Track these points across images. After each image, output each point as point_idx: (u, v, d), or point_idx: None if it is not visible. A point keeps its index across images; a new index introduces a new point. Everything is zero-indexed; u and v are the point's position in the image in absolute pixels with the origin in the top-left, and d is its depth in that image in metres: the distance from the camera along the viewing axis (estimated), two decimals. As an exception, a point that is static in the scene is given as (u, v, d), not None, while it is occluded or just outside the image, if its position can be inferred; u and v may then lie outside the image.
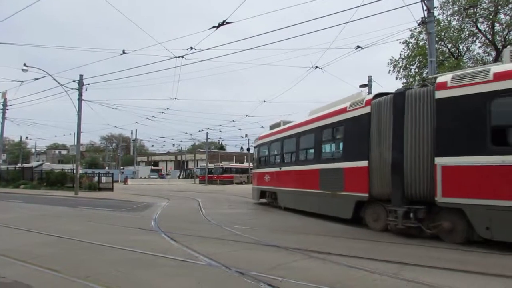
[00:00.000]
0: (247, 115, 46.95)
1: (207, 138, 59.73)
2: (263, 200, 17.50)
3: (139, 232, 9.33)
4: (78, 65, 57.73)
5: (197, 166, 75.61)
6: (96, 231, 9.50)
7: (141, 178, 67.75)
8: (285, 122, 16.03)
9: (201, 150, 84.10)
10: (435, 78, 8.36)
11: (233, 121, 62.16)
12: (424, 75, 22.04)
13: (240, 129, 65.17)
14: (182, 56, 16.96)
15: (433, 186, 7.69)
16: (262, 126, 41.59)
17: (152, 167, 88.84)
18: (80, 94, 25.83)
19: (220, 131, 73.91)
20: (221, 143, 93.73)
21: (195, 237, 8.25)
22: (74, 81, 25.92)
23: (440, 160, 7.58)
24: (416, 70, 24.20)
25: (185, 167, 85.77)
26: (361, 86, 23.83)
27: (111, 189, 29.76)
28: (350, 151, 10.31)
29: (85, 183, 29.74)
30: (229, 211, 15.04)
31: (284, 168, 14.74)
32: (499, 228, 6.64)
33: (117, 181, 49.77)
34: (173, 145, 73.04)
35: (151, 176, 72.82)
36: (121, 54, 19.39)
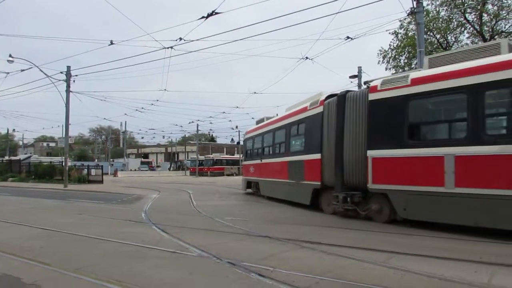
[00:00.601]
0: (237, 107, 47.04)
1: (197, 130, 59.50)
2: (251, 191, 18.58)
3: (130, 224, 9.31)
4: (65, 56, 56.89)
5: (187, 158, 75.38)
6: (87, 223, 9.46)
7: (131, 170, 67.32)
8: (268, 118, 17.28)
9: (191, 142, 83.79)
10: (372, 81, 9.53)
11: (224, 112, 62.31)
12: (413, 66, 22.21)
13: (230, 120, 65.40)
14: (171, 47, 16.85)
15: (366, 175, 9.09)
16: (252, 118, 41.67)
17: (142, 159, 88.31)
18: (68, 86, 25.47)
19: (211, 123, 73.67)
20: (212, 135, 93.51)
21: (186, 229, 8.27)
22: (61, 72, 25.55)
23: (371, 153, 8.98)
24: (405, 60, 24.41)
25: (176, 159, 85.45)
26: (351, 77, 23.95)
27: (101, 182, 29.57)
28: (309, 146, 11.77)
29: (74, 176, 29.49)
30: (220, 203, 15.07)
31: (264, 161, 16.19)
32: (413, 209, 8.10)
33: (107, 174, 49.41)
34: (163, 137, 72.82)
35: (141, 168, 72.41)
36: (109, 45, 19.22)
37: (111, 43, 19.21)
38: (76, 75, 25.90)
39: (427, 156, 7.85)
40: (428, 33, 23.40)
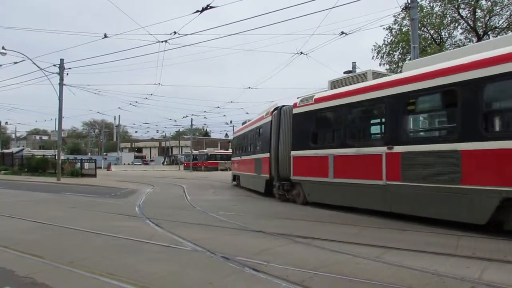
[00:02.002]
0: (232, 102, 46.87)
1: (191, 125, 59.36)
2: (241, 184, 19.78)
3: (124, 218, 9.27)
4: (59, 49, 56.12)
5: (181, 152, 75.19)
6: (80, 217, 9.41)
7: (124, 164, 67.04)
8: (249, 120, 20.06)
9: (185, 136, 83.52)
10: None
11: (218, 107, 62.18)
12: (407, 61, 22.27)
13: (225, 115, 65.19)
14: (166, 41, 16.77)
15: (290, 169, 12.06)
16: (247, 113, 41.57)
17: (136, 153, 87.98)
18: (61, 79, 25.24)
19: (205, 118, 73.66)
20: (206, 130, 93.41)
21: (180, 223, 8.25)
22: (54, 65, 25.34)
23: (292, 153, 12.02)
24: (399, 56, 24.46)
25: (170, 154, 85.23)
26: (345, 72, 23.94)
27: (94, 176, 29.41)
28: (263, 147, 14.76)
29: (68, 169, 29.31)
30: (214, 197, 15.07)
31: (243, 157, 18.98)
32: (313, 194, 11.32)
33: (100, 168, 49.19)
34: (157, 131, 72.64)
35: (135, 163, 72.13)
36: (103, 38, 19.08)
37: (105, 36, 19.05)
38: (69, 68, 25.73)
39: (320, 156, 10.74)
40: (422, 28, 23.46)
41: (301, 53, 19.10)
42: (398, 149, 8.33)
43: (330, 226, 8.17)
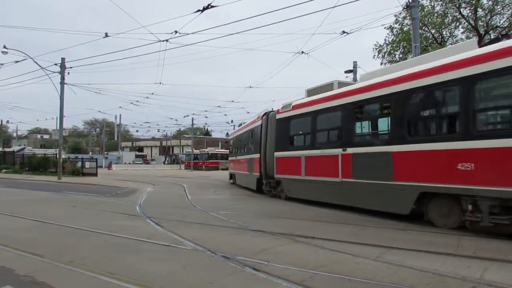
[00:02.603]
0: (232, 101, 46.57)
1: (192, 124, 59.33)
2: (237, 182, 21.23)
3: (124, 217, 9.27)
4: (60, 48, 56.10)
5: (182, 151, 75.19)
6: (80, 216, 9.41)
7: (125, 163, 67.05)
8: (244, 123, 21.62)
9: (186, 135, 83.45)
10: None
11: (219, 106, 62.12)
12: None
13: (226, 114, 65.04)
14: (167, 40, 16.73)
15: (274, 168, 13.52)
16: (248, 112, 41.46)
17: (137, 152, 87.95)
18: (62, 78, 25.20)
19: (206, 117, 73.52)
20: (207, 129, 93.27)
21: (181, 222, 8.25)
22: (56, 64, 25.30)
23: (276, 154, 13.54)
24: (401, 55, 24.36)
25: (171, 153, 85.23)
26: (346, 71, 23.89)
27: (95, 174, 29.41)
28: (255, 148, 16.09)
29: (69, 168, 29.29)
30: (214, 197, 15.06)
31: (238, 157, 20.42)
32: (291, 190, 12.82)
33: (101, 167, 49.18)
34: (158, 130, 72.54)
35: (136, 162, 72.14)
36: (104, 37, 19.01)
37: (106, 35, 19.01)
38: (70, 67, 25.70)
39: (295, 156, 12.19)
40: (423, 28, 23.38)
41: (302, 52, 19.09)
42: (349, 150, 9.80)
43: (330, 225, 8.15)
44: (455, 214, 7.28)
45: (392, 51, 24.86)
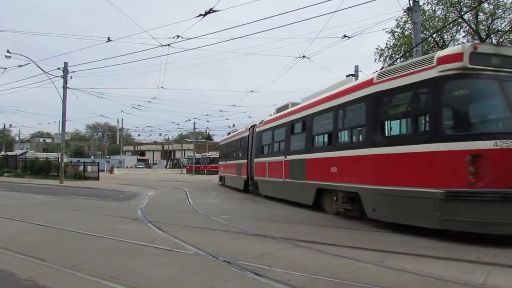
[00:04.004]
0: (234, 105, 46.51)
1: (194, 128, 59.40)
2: (226, 184, 23.71)
3: (126, 221, 9.26)
4: (63, 52, 56.30)
5: (184, 156, 75.21)
6: (82, 220, 9.41)
7: (127, 167, 67.14)
8: (235, 131, 26.65)
9: (188, 140, 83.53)
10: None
11: (221, 110, 61.86)
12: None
13: (227, 119, 64.88)
14: (169, 45, 16.75)
15: (254, 172, 16.51)
16: (249, 116, 41.39)
17: (139, 156, 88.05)
18: (65, 82, 25.30)
19: (208, 121, 73.11)
20: (209, 133, 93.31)
21: (182, 227, 8.23)
22: (58, 68, 25.39)
23: (255, 160, 16.43)
24: (402, 59, 24.35)
25: (172, 157, 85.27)
26: (348, 76, 23.87)
27: (97, 178, 29.42)
28: (243, 154, 18.71)
29: (70, 172, 29.32)
30: (216, 201, 15.04)
31: (227, 162, 23.16)
32: (262, 189, 15.67)
33: (103, 171, 49.19)
34: (160, 134, 72.32)
35: (138, 166, 72.21)
36: (106, 42, 19.07)
37: (109, 40, 19.08)
38: (73, 72, 25.70)
39: (263, 162, 15.23)
40: (425, 32, 23.39)
41: (304, 56, 19.15)
42: (288, 158, 12.72)
43: (331, 230, 8.13)
44: (333, 204, 9.91)
45: (393, 55, 24.89)
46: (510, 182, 6.09)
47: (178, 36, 15.96)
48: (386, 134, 8.20)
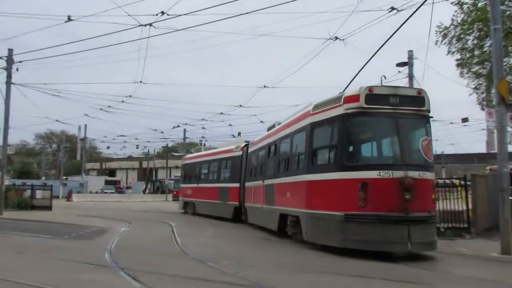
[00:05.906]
0: (240, 106, 46.31)
1: (184, 137, 59.72)
2: (197, 211, 27.01)
3: (89, 268, 9.29)
4: (6, 36, 57.08)
5: (170, 176, 75.43)
6: (29, 266, 9.46)
7: (91, 192, 67.53)
8: (206, 148, 31.30)
9: (176, 154, 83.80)
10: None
11: (221, 113, 61.93)
12: (485, 49, 21.96)
13: (231, 125, 64.32)
14: (150, 24, 16.99)
15: (244, 197, 20.12)
16: (261, 121, 41.26)
17: (107, 177, 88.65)
18: (9, 76, 25.47)
19: (203, 128, 73.00)
20: (205, 144, 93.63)
21: (166, 276, 8.23)
22: (0, 57, 25.68)
23: (246, 184, 20.00)
24: (475, 42, 23.99)
25: (154, 178, 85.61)
26: (398, 64, 23.76)
27: (49, 208, 29.59)
28: (232, 177, 22.25)
29: (13, 199, 29.53)
30: (213, 241, 15.04)
31: (201, 185, 27.00)
32: (250, 216, 19.42)
33: (58, 197, 49.59)
34: (137, 146, 72.91)
35: (106, 190, 72.55)
36: (66, 22, 19.35)
37: (69, 19, 19.34)
38: (20, 61, 25.97)
39: (256, 186, 18.21)
40: (506, 3, 23.14)
41: (336, 38, 19.08)
42: (265, 182, 16.52)
43: (378, 282, 8.07)
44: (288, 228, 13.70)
45: (462, 35, 24.55)
46: (390, 206, 9.90)
47: (163, 13, 16.19)
48: (313, 162, 12.11)
